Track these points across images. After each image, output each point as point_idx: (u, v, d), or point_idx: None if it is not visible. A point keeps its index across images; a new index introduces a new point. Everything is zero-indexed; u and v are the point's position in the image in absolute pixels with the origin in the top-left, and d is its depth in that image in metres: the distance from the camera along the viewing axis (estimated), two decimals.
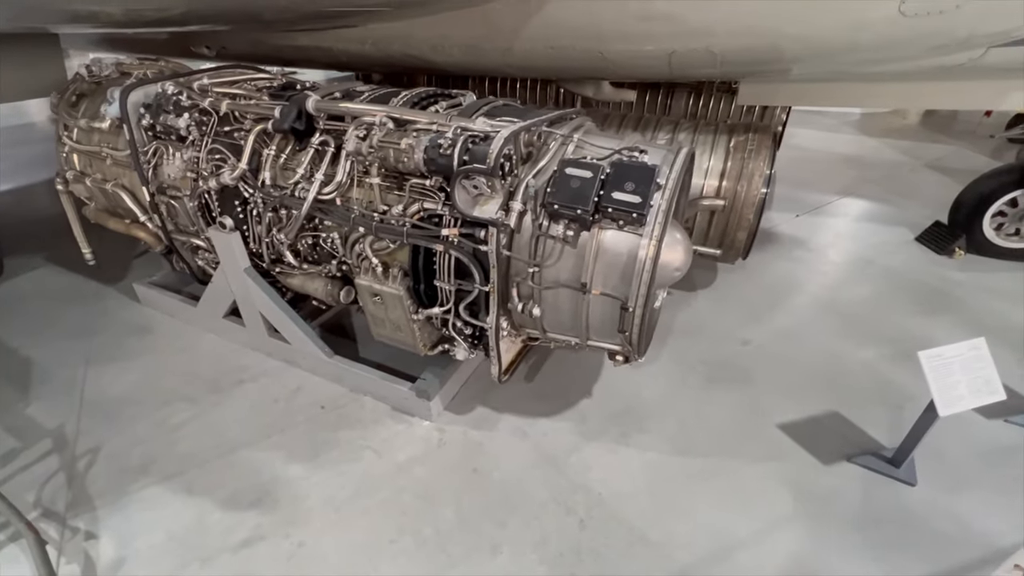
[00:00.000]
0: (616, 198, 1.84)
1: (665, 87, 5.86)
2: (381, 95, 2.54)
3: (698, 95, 5.55)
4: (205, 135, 2.68)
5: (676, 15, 2.86)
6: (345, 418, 2.79)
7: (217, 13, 3.30)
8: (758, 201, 3.23)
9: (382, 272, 2.38)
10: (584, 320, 2.18)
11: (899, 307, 3.79)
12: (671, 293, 3.90)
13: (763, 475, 2.49)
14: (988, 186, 4.31)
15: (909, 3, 2.47)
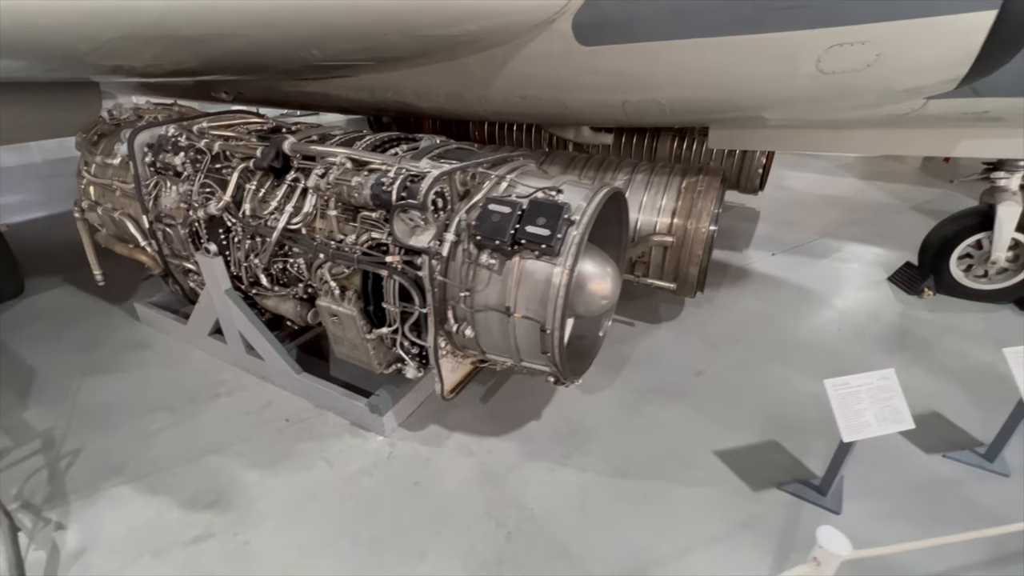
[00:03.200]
0: (529, 231, 2.07)
1: (651, 131, 6.20)
2: (349, 139, 2.87)
3: (682, 138, 5.86)
4: (198, 171, 3.04)
5: (623, 70, 3.16)
6: (307, 431, 3.00)
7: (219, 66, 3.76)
8: (706, 238, 3.42)
9: (339, 294, 2.64)
10: (513, 342, 2.38)
11: (860, 345, 3.87)
12: (634, 325, 4.08)
13: (692, 499, 2.58)
14: (951, 229, 4.42)
15: (825, 63, 2.71)
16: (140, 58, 3.21)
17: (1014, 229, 4.07)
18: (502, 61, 3.46)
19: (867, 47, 2.60)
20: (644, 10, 2.87)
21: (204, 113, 3.71)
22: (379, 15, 2.86)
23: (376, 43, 3.22)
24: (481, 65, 3.56)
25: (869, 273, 4.98)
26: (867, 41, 2.58)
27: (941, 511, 2.52)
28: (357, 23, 2.88)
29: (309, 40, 3.07)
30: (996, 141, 3.77)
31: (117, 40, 2.63)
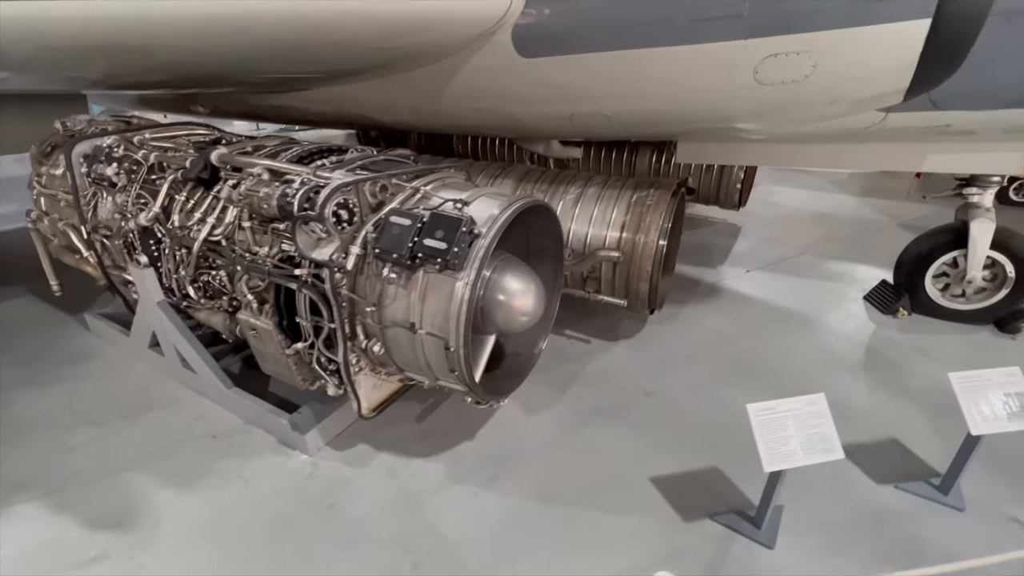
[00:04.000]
0: (427, 244, 1.99)
1: (630, 146, 6.14)
2: (280, 150, 2.83)
3: (660, 152, 5.79)
4: (133, 182, 3.02)
5: (564, 81, 3.10)
6: (231, 448, 2.91)
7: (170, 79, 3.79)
8: (655, 253, 3.32)
9: (257, 308, 2.57)
10: (423, 359, 2.29)
11: (824, 365, 3.70)
12: (590, 342, 3.95)
13: (617, 528, 2.44)
14: (925, 246, 4.26)
15: (762, 74, 2.63)
16: (88, 69, 3.23)
17: (988, 247, 3.91)
18: (451, 73, 3.42)
19: (802, 57, 2.51)
20: (579, 22, 2.82)
21: (153, 124, 3.72)
22: (312, 29, 2.85)
23: (315, 56, 3.21)
24: (431, 78, 3.53)
25: (845, 291, 4.81)
26: (802, 51, 2.50)
27: (884, 547, 2.35)
28: (289, 36, 2.86)
29: (244, 52, 3.06)
30: (965, 156, 3.64)
31: (49, 50, 2.63)
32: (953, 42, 2.40)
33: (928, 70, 2.52)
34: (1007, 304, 4.07)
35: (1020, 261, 3.93)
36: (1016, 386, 2.33)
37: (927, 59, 2.43)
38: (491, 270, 2.40)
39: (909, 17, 2.27)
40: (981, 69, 2.89)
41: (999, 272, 4.05)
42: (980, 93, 2.97)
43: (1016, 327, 4.03)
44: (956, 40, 2.39)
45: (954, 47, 2.43)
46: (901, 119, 3.20)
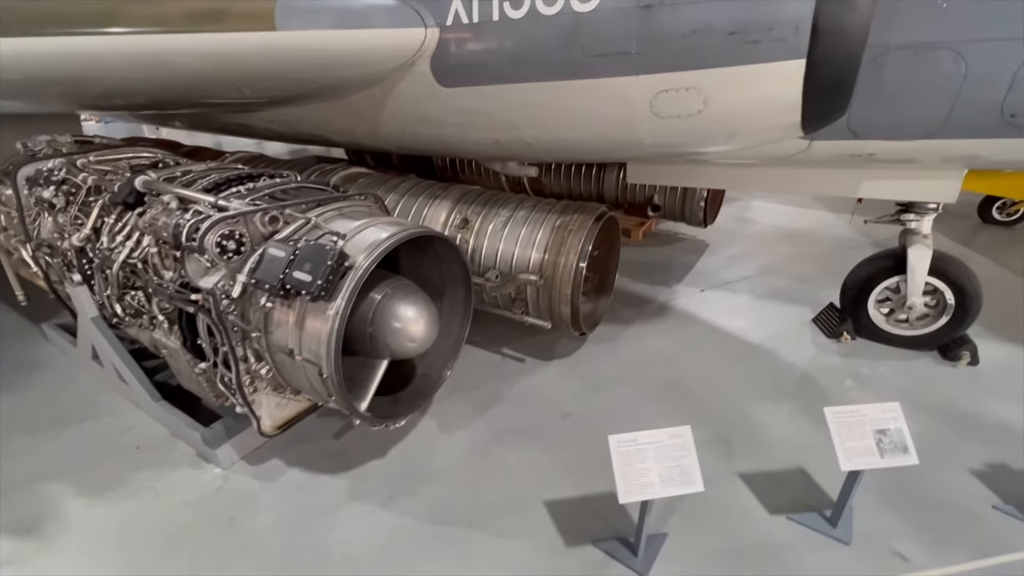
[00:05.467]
0: (295, 276, 2.09)
1: (598, 167, 6.22)
2: (199, 177, 2.97)
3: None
4: (72, 204, 3.19)
5: (481, 110, 3.20)
6: (152, 460, 3.04)
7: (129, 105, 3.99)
8: (573, 276, 3.38)
9: (168, 328, 2.71)
10: (307, 383, 2.39)
11: (751, 390, 3.71)
12: (525, 361, 4.02)
13: (498, 551, 2.50)
14: (867, 271, 4.23)
15: (658, 107, 2.70)
16: (41, 95, 3.45)
17: (927, 273, 3.89)
18: (381, 100, 3.55)
19: (692, 94, 2.58)
20: (488, 56, 2.92)
21: (108, 145, 3.91)
22: (236, 62, 3.00)
23: (243, 85, 3.36)
24: (365, 104, 3.67)
25: (796, 314, 4.79)
26: (690, 88, 2.56)
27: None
28: (213, 69, 3.02)
29: (177, 82, 3.23)
30: (899, 183, 3.66)
31: None
32: (835, 79, 2.44)
33: (818, 105, 2.56)
34: (949, 331, 4.02)
35: (958, 288, 3.89)
36: (893, 422, 2.34)
37: (814, 94, 2.47)
38: (382, 296, 2.50)
39: (784, 58, 2.32)
40: (886, 102, 2.93)
41: (940, 299, 4.01)
42: (895, 124, 3.00)
43: (957, 355, 3.98)
44: (837, 77, 2.43)
45: (837, 83, 2.47)
46: (826, 147, 3.24)
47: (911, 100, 2.88)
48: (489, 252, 3.67)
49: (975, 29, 2.65)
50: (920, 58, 2.77)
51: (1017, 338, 4.27)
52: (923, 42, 2.74)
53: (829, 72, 2.37)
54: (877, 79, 2.86)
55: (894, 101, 2.89)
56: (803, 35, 2.23)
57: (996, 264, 5.95)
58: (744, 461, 3.05)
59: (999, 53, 2.64)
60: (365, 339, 2.49)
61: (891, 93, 2.89)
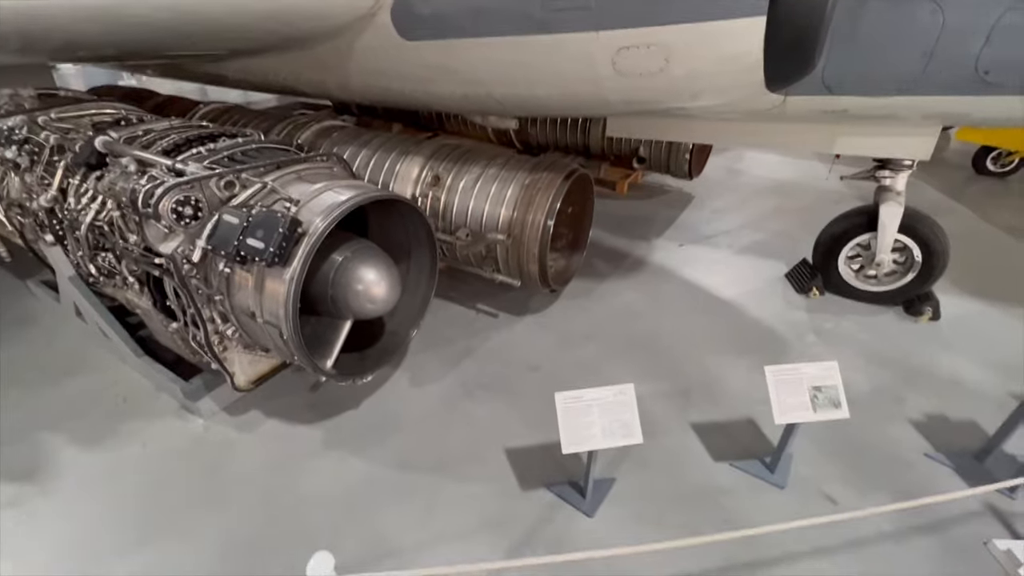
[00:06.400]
0: (248, 243, 2.15)
1: (583, 118, 6.07)
2: (161, 136, 2.95)
3: None
4: (36, 164, 3.18)
5: (445, 64, 3.12)
6: (138, 411, 3.22)
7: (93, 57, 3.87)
8: (541, 234, 3.41)
9: (139, 288, 2.79)
10: (272, 343, 2.50)
11: (716, 344, 3.84)
12: (498, 316, 4.13)
13: (458, 495, 2.70)
14: (840, 227, 4.25)
15: (620, 65, 2.64)
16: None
17: (896, 231, 3.91)
18: (347, 52, 3.46)
19: (653, 51, 2.52)
20: (446, 7, 2.82)
21: (73, 100, 3.84)
22: (194, 14, 2.90)
23: (204, 37, 3.26)
24: (331, 56, 3.57)
25: (770, 269, 4.85)
26: (651, 45, 2.50)
27: (695, 519, 2.58)
28: (171, 21, 2.92)
29: (135, 34, 3.13)
30: (874, 139, 3.63)
31: None
32: (797, 37, 2.37)
33: (782, 63, 2.50)
34: (915, 287, 4.10)
35: (926, 245, 3.93)
36: (828, 380, 2.46)
37: (776, 52, 2.41)
38: (343, 259, 2.56)
39: (744, 15, 2.25)
40: (861, 56, 2.85)
41: (908, 256, 4.06)
42: (868, 80, 2.94)
43: (919, 310, 4.08)
44: (799, 35, 2.36)
45: (800, 41, 2.40)
46: (801, 103, 3.19)
47: (886, 55, 2.80)
48: (460, 210, 3.68)
49: None
50: (898, 9, 2.68)
51: (982, 294, 4.36)
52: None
53: (791, 30, 2.30)
54: (853, 33, 2.78)
55: (869, 56, 2.82)
56: None
57: (980, 218, 5.95)
58: (698, 412, 3.22)
59: (978, 6, 2.55)
60: (327, 300, 2.57)
61: (866, 47, 2.81)
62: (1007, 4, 2.47)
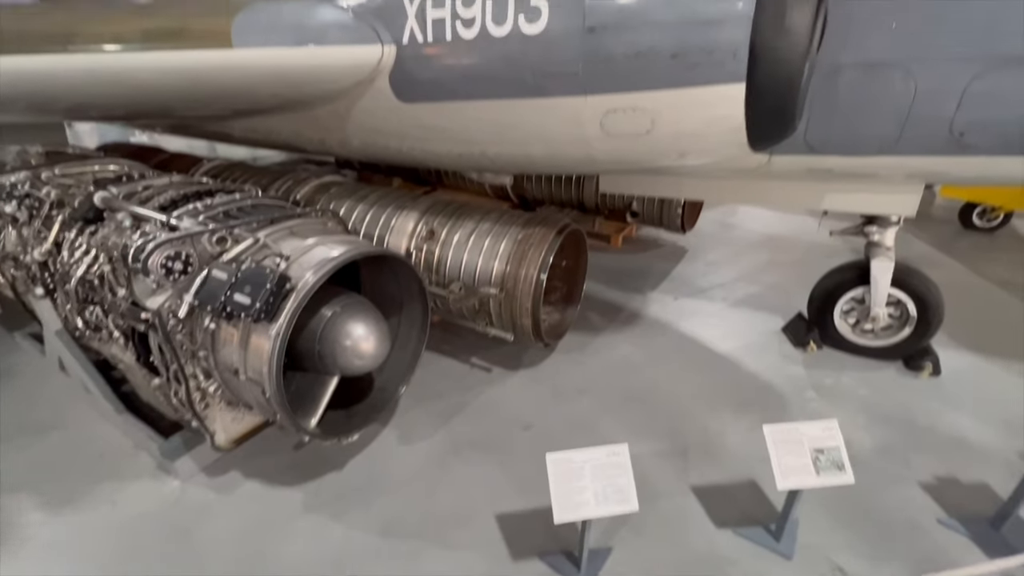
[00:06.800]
0: (235, 299, 2.13)
1: (577, 175, 6.24)
2: (158, 193, 3.00)
3: None
4: (35, 218, 3.22)
5: (441, 125, 3.23)
6: (114, 471, 3.08)
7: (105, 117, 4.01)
8: (534, 288, 3.41)
9: (123, 343, 2.74)
10: (255, 400, 2.43)
11: (713, 401, 3.75)
12: (491, 371, 4.06)
13: (443, 563, 2.54)
14: (833, 281, 4.27)
15: (608, 126, 2.73)
16: (4, 111, 3.48)
17: (889, 285, 3.92)
18: (346, 113, 3.58)
19: (639, 114, 2.61)
20: (441, 73, 2.95)
21: (79, 157, 3.95)
22: (198, 80, 3.04)
23: (209, 100, 3.40)
24: (331, 116, 3.70)
25: (766, 322, 4.83)
26: (637, 108, 2.59)
27: None
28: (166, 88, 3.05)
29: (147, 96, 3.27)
30: (861, 196, 3.70)
31: None
32: (776, 101, 2.46)
33: (763, 125, 2.59)
34: (913, 342, 4.06)
35: (920, 299, 3.93)
36: (831, 440, 2.38)
37: (758, 115, 2.50)
38: (331, 313, 2.53)
39: (725, 81, 2.35)
40: (841, 118, 2.96)
41: (903, 310, 4.05)
42: (849, 140, 3.04)
43: (919, 365, 4.02)
44: (778, 99, 2.46)
45: (779, 105, 2.49)
46: (785, 162, 3.29)
47: (864, 117, 2.92)
48: (454, 263, 3.70)
49: (924, 48, 2.68)
50: (871, 76, 2.81)
51: (981, 348, 4.31)
52: (874, 60, 2.78)
53: (769, 96, 2.40)
54: (831, 96, 2.90)
55: (848, 118, 2.94)
56: (741, 60, 2.26)
57: (972, 272, 5.99)
58: (697, 473, 3.09)
59: (948, 72, 2.68)
60: (314, 356, 2.53)
61: (845, 110, 2.93)
62: (974, 71, 2.60)
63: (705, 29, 2.27)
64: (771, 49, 2.24)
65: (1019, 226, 7.36)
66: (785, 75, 2.33)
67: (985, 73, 2.57)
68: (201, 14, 3.09)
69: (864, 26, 2.71)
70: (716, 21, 2.24)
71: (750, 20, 2.19)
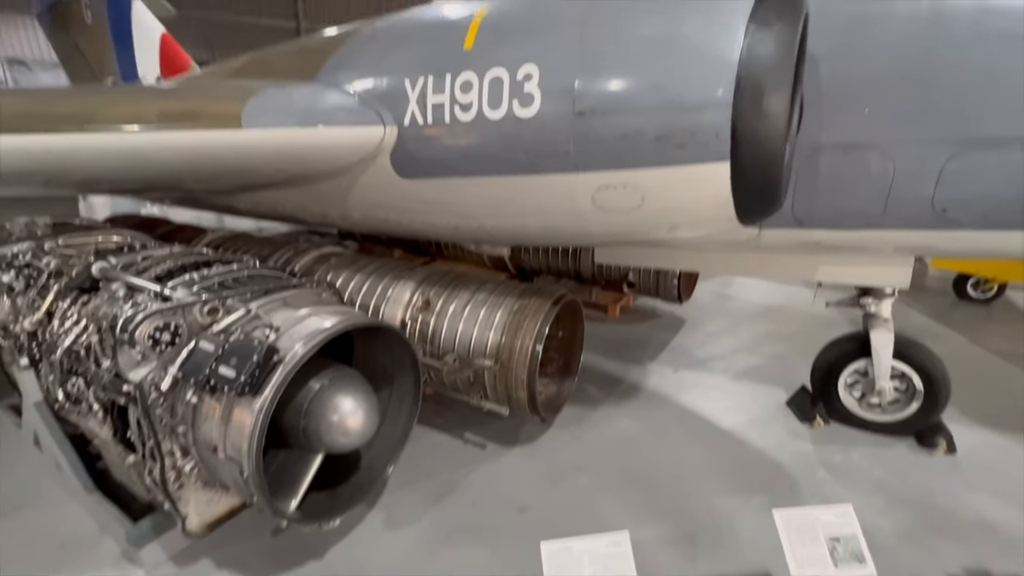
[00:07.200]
0: (220, 372, 2.07)
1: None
2: (157, 263, 3.03)
3: None
4: (31, 287, 3.23)
5: (440, 200, 3.33)
6: (76, 558, 2.85)
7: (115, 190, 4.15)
8: (530, 360, 3.34)
9: (101, 417, 2.64)
10: (232, 480, 2.29)
11: (720, 481, 3.55)
12: (486, 447, 3.88)
13: None
14: (833, 354, 4.21)
15: (600, 201, 2.80)
16: (19, 184, 3.59)
17: (891, 357, 3.85)
18: (348, 188, 3.70)
19: (629, 190, 2.69)
20: (440, 152, 3.08)
21: (84, 227, 4.04)
22: (199, 159, 3.17)
23: (218, 176, 3.53)
24: (333, 190, 3.82)
25: (769, 395, 4.70)
26: (627, 185, 2.67)
27: None
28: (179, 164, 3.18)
29: (149, 174, 3.39)
30: (853, 269, 3.73)
31: None
32: (761, 177, 2.54)
33: (750, 200, 2.66)
34: (922, 417, 3.93)
35: (924, 372, 3.84)
36: (847, 527, 2.21)
37: (744, 191, 2.57)
38: (319, 387, 2.46)
39: (710, 160, 2.44)
40: (826, 194, 3.06)
41: (908, 383, 3.95)
42: (835, 215, 3.13)
43: (932, 442, 3.85)
44: (763, 176, 2.53)
45: (764, 181, 2.57)
46: (775, 235, 3.36)
47: (847, 193, 3.02)
48: (448, 334, 3.66)
49: (897, 131, 2.83)
50: (850, 156, 2.94)
51: (995, 423, 4.16)
52: (851, 142, 2.92)
53: (754, 172, 2.49)
54: (814, 173, 3.02)
55: (833, 193, 3.04)
56: (723, 140, 2.36)
57: (973, 344, 5.93)
58: (706, 563, 2.86)
59: (923, 153, 2.80)
60: (298, 432, 2.42)
61: (829, 186, 3.04)
62: (950, 152, 2.72)
63: (687, 114, 2.40)
64: (752, 131, 2.35)
65: (1014, 297, 7.40)
66: (767, 155, 2.43)
67: (961, 153, 2.69)
68: (216, 99, 3.30)
69: (837, 110, 2.89)
70: (697, 106, 2.37)
71: (730, 105, 2.31)
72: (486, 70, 2.74)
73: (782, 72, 2.34)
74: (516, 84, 2.66)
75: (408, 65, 3.08)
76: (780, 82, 2.34)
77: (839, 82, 2.84)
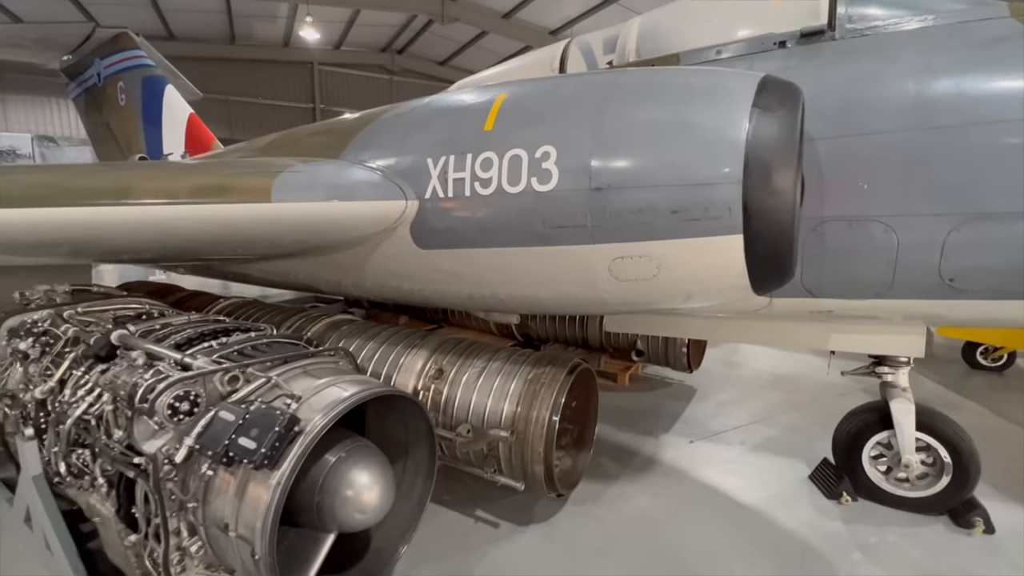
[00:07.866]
0: (239, 443, 2.02)
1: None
2: (178, 331, 3.04)
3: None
4: (46, 355, 3.22)
5: (456, 270, 3.40)
6: None
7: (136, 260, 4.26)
8: (547, 431, 3.26)
9: (105, 492, 2.53)
10: (240, 562, 2.15)
11: (750, 564, 3.33)
12: (499, 526, 3.68)
13: None
14: (854, 425, 4.10)
15: (616, 272, 2.87)
16: (48, 255, 3.69)
17: (914, 428, 3.76)
18: (366, 258, 3.80)
19: (644, 261, 2.76)
20: (459, 224, 3.19)
21: (103, 295, 4.08)
22: (228, 230, 3.28)
23: (241, 246, 3.63)
24: (351, 260, 3.91)
25: (790, 469, 4.52)
26: (643, 256, 2.75)
27: None
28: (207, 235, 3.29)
29: (177, 244, 3.49)
30: (866, 337, 3.74)
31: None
32: (772, 249, 2.62)
33: (763, 271, 2.72)
34: (954, 492, 3.75)
35: (951, 445, 3.73)
36: None
37: (757, 262, 2.64)
38: (336, 459, 2.38)
39: (723, 233, 2.54)
40: (834, 264, 3.14)
41: (935, 456, 3.82)
42: (845, 285, 3.19)
43: (969, 521, 3.66)
44: (774, 248, 2.61)
45: (776, 253, 2.65)
46: (786, 304, 3.40)
47: (855, 264, 3.10)
48: (462, 404, 3.60)
49: (897, 205, 2.95)
50: (854, 229, 3.05)
51: None
52: (854, 215, 3.05)
53: (766, 244, 2.57)
54: (821, 245, 3.12)
55: (841, 264, 3.12)
56: (736, 215, 2.47)
57: (993, 413, 5.80)
58: None
59: (924, 226, 2.91)
60: (312, 509, 2.31)
61: (836, 257, 3.13)
62: (951, 224, 2.83)
63: (701, 190, 2.53)
64: (762, 206, 2.46)
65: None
66: (777, 228, 2.52)
67: (961, 226, 2.79)
68: (246, 175, 3.47)
69: (837, 186, 3.04)
70: (710, 183, 2.51)
71: (740, 182, 2.44)
72: (506, 150, 2.91)
73: (787, 151, 2.49)
74: (534, 161, 2.82)
75: (430, 144, 3.27)
76: (786, 160, 2.49)
77: (837, 160, 3.01)
